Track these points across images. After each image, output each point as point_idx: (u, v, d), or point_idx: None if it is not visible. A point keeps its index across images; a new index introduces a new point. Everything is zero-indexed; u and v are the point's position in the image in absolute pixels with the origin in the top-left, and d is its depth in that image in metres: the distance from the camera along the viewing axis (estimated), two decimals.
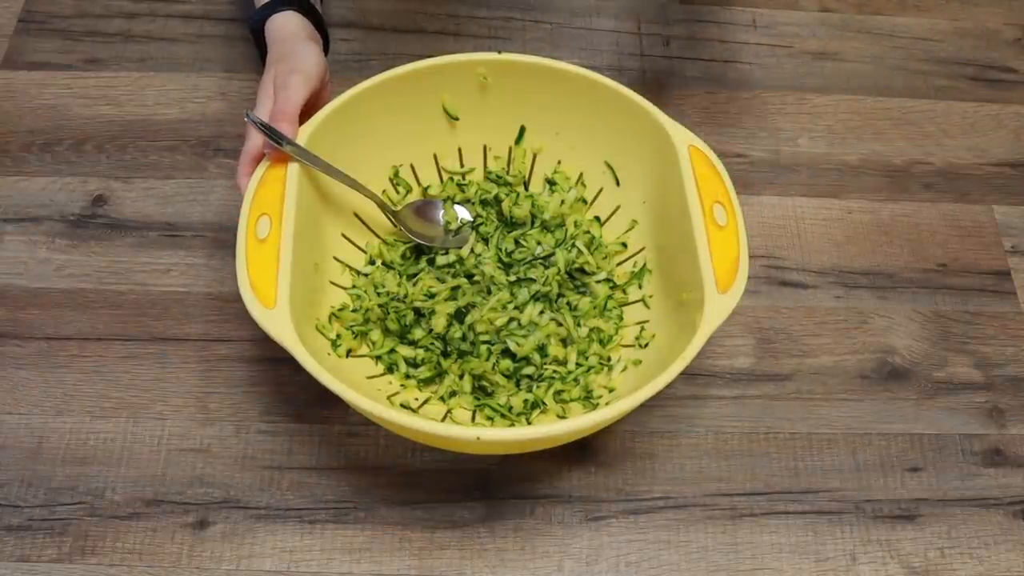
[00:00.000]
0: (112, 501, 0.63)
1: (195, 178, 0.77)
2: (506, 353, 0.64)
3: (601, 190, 0.71)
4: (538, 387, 0.64)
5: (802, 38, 0.90)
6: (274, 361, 0.68)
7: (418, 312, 0.66)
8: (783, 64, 0.88)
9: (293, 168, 0.60)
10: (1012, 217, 0.80)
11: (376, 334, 0.65)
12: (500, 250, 0.69)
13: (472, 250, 0.70)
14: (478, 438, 0.52)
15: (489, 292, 0.67)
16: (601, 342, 0.66)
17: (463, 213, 0.71)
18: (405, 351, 0.65)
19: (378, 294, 0.67)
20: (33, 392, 0.67)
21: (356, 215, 0.69)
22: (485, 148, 0.72)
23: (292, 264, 0.56)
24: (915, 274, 0.77)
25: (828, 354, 0.72)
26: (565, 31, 0.88)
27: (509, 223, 0.71)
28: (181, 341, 0.69)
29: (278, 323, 0.54)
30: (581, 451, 0.67)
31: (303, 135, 0.62)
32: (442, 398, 0.64)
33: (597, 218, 0.71)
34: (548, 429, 0.54)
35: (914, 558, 0.64)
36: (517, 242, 0.70)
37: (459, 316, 0.65)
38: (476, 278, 0.67)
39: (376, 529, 0.63)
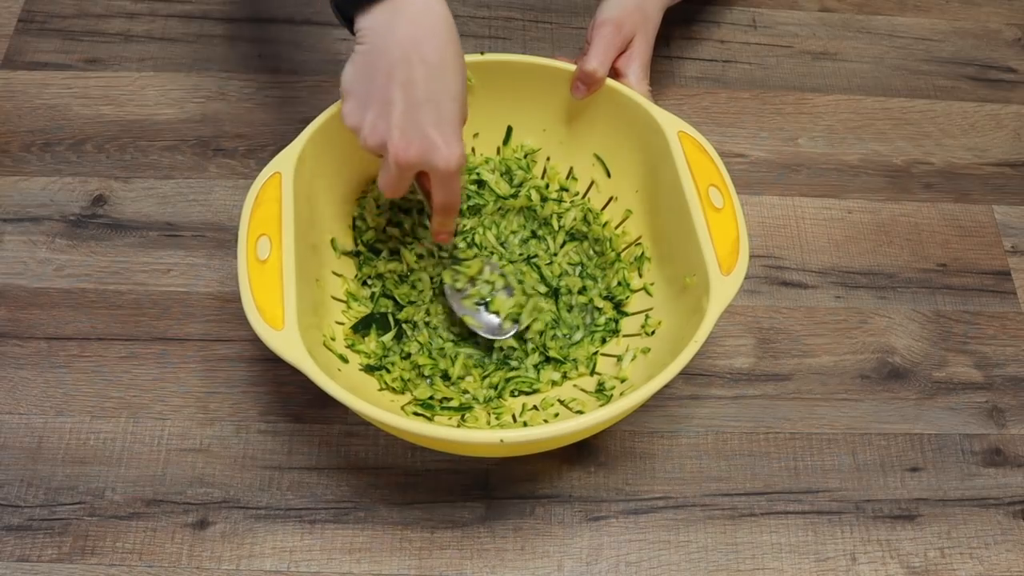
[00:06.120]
0: (112, 501, 0.63)
1: (195, 178, 0.77)
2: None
3: (592, 183, 0.72)
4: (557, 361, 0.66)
5: (802, 38, 0.90)
6: (274, 361, 0.68)
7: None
8: (783, 64, 0.88)
9: (288, 186, 0.59)
10: (1012, 217, 0.80)
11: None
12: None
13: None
14: (501, 440, 0.52)
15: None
16: (615, 303, 0.68)
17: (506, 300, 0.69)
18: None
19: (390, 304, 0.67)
20: (33, 392, 0.67)
21: (351, 228, 0.69)
22: (473, 150, 0.73)
23: (296, 283, 0.56)
24: (915, 274, 0.77)
25: (828, 354, 0.72)
26: (565, 31, 0.88)
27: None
28: (181, 341, 0.69)
29: (289, 344, 0.54)
30: (581, 451, 0.67)
31: (291, 154, 0.61)
32: (455, 380, 0.64)
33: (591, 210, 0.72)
34: (571, 424, 0.53)
35: (914, 558, 0.64)
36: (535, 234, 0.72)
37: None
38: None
39: (376, 529, 0.63)
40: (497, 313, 0.67)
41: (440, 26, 0.55)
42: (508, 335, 0.66)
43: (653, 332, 0.64)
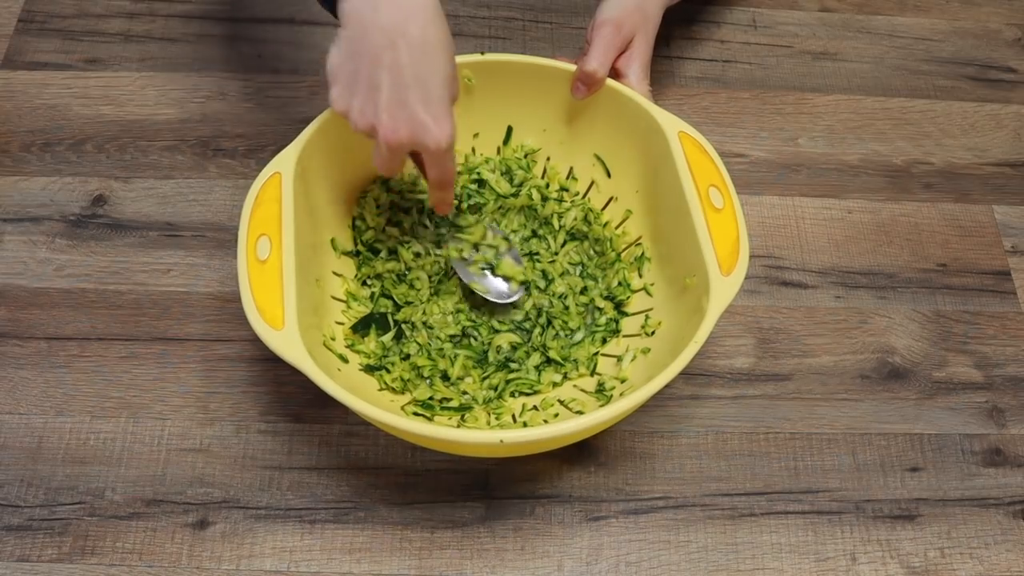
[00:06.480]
0: (112, 501, 0.63)
1: (195, 178, 0.77)
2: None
3: (592, 183, 0.72)
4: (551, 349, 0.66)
5: (802, 38, 0.90)
6: (274, 361, 0.68)
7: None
8: (783, 64, 0.88)
9: (288, 187, 0.59)
10: (1012, 217, 0.80)
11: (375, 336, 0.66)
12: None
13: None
14: (501, 441, 0.52)
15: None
16: (616, 303, 0.68)
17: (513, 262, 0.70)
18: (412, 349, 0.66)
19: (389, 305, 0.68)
20: (33, 392, 0.67)
21: (351, 228, 0.69)
22: (473, 150, 0.73)
23: (296, 283, 0.56)
24: (915, 274, 0.77)
25: (828, 354, 0.72)
26: (565, 31, 0.88)
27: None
28: (181, 341, 0.69)
29: (289, 344, 0.54)
30: (581, 451, 0.67)
31: (291, 154, 0.61)
32: (454, 381, 0.64)
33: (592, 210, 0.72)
34: (571, 425, 0.53)
35: (914, 558, 0.64)
36: (536, 233, 0.72)
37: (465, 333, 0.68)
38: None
39: (376, 529, 0.63)
40: (504, 277, 0.68)
41: (423, 5, 0.55)
42: (515, 297, 0.67)
43: (653, 332, 0.64)
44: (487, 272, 0.68)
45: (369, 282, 0.68)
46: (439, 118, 0.56)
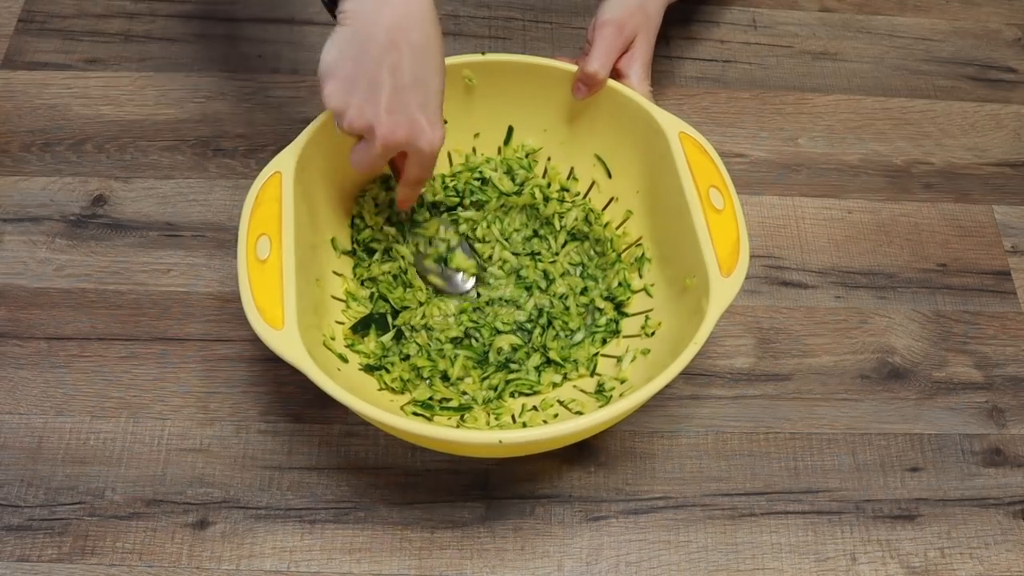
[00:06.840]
0: (112, 501, 0.63)
1: (195, 178, 0.77)
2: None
3: (593, 183, 0.72)
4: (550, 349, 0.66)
5: (802, 38, 0.90)
6: (274, 361, 0.68)
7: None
8: (783, 64, 0.88)
9: (288, 186, 0.60)
10: (1012, 217, 0.80)
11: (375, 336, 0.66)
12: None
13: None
14: (500, 441, 0.52)
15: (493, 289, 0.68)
16: (616, 303, 0.68)
17: (466, 256, 0.71)
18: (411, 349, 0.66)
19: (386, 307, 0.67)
20: (33, 392, 0.67)
21: (350, 226, 0.69)
22: (474, 150, 0.73)
23: (296, 283, 0.56)
24: (915, 274, 0.77)
25: (828, 354, 0.72)
26: (565, 31, 0.88)
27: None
28: (181, 341, 0.69)
29: (289, 344, 0.54)
30: (581, 451, 0.67)
31: (291, 154, 0.61)
32: (454, 381, 0.64)
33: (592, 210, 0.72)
34: (570, 426, 0.53)
35: (914, 558, 0.64)
36: (536, 232, 0.72)
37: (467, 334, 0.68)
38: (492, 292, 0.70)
39: (376, 529, 0.63)
40: (457, 269, 0.69)
41: (425, 9, 0.56)
42: (468, 289, 0.69)
43: (653, 333, 0.64)
44: (441, 265, 0.69)
45: (366, 283, 0.68)
46: (434, 121, 0.58)
